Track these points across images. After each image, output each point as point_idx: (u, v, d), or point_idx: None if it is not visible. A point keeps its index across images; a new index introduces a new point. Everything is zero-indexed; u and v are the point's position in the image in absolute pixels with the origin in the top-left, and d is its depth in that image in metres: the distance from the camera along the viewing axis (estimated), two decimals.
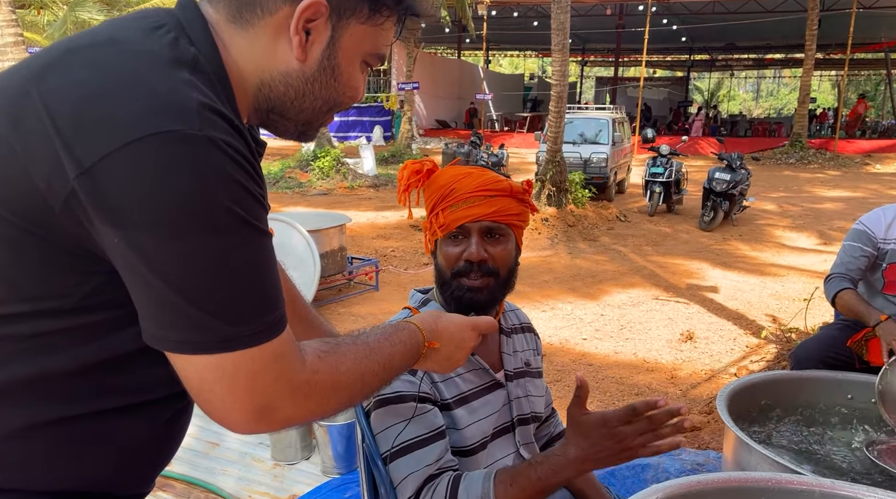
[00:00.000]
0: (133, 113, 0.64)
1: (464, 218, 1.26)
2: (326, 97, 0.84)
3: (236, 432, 0.73)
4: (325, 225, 5.28)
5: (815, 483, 1.53)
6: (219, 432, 3.16)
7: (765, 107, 49.29)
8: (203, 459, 2.93)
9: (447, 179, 1.29)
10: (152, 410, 0.80)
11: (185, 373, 0.70)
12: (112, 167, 0.63)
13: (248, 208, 0.69)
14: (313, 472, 2.84)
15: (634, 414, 1.05)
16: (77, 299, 0.71)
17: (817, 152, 19.12)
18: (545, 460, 1.10)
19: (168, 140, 0.64)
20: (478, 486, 1.11)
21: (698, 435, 3.08)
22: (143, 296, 0.67)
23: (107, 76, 0.67)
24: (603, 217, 9.40)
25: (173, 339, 0.68)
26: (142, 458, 0.83)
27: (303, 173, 12.48)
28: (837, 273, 2.53)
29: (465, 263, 1.27)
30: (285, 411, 0.73)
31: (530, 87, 32.37)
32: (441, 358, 0.99)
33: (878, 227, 2.49)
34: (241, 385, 0.69)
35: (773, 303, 5.77)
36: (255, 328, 0.69)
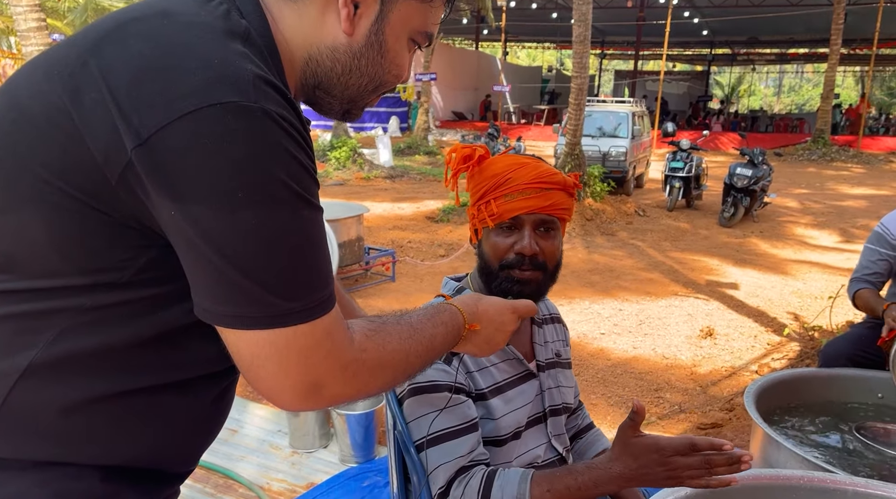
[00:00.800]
0: (189, 84, 0.64)
1: (518, 209, 1.24)
2: (372, 74, 0.83)
3: (284, 408, 0.73)
4: (343, 215, 5.28)
5: (847, 482, 1.50)
6: (238, 418, 3.17)
7: (786, 102, 48.64)
8: (222, 445, 2.95)
9: (502, 168, 1.26)
10: (204, 385, 0.80)
11: (236, 348, 0.69)
12: (169, 138, 0.62)
13: (302, 182, 0.68)
14: (331, 460, 2.85)
15: (693, 450, 1.04)
16: (132, 273, 0.70)
17: (840, 149, 18.84)
18: (587, 470, 1.09)
19: (224, 111, 0.63)
20: (514, 486, 1.10)
21: (720, 431, 3.04)
22: (197, 269, 0.67)
23: (163, 48, 0.66)
24: (621, 212, 9.33)
25: (227, 313, 0.67)
26: (191, 435, 0.83)
27: (319, 163, 12.50)
28: (857, 277, 2.53)
29: (516, 256, 1.25)
30: (333, 388, 0.72)
31: (548, 80, 32.16)
32: (481, 340, 0.98)
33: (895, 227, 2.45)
34: (292, 361, 0.69)
35: (794, 301, 5.69)
36: (308, 304, 0.68)
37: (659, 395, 3.73)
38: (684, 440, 1.04)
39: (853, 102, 24.12)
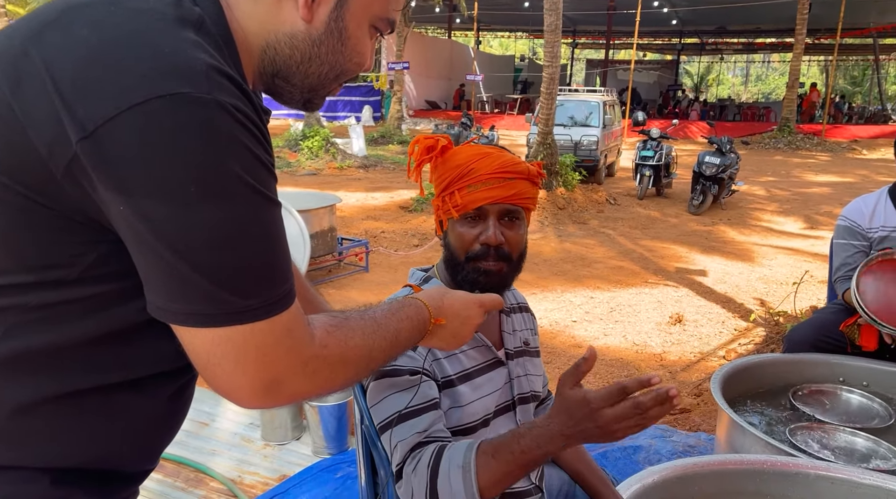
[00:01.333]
0: (138, 74, 0.61)
1: (483, 200, 1.23)
2: (333, 62, 0.81)
3: (243, 406, 0.71)
4: (315, 205, 5.24)
5: (809, 465, 1.54)
6: (209, 412, 3.14)
7: (753, 91, 49.35)
8: (193, 439, 2.91)
9: (465, 159, 1.25)
10: (159, 384, 0.78)
11: (191, 346, 0.67)
12: (116, 131, 0.60)
13: (258, 176, 0.66)
14: (304, 452, 2.83)
15: (623, 394, 0.98)
16: (80, 270, 0.68)
17: (805, 137, 19.21)
18: (528, 431, 1.05)
19: (176, 103, 0.61)
20: (460, 455, 1.09)
21: (689, 417, 3.10)
22: (150, 266, 0.65)
23: (110, 35, 0.63)
24: (592, 200, 9.40)
25: (181, 311, 0.65)
26: (148, 433, 0.81)
27: (291, 153, 12.37)
28: (841, 275, 2.52)
29: (481, 247, 1.25)
30: (293, 385, 0.71)
31: (520, 69, 32.18)
32: (447, 335, 0.97)
33: (861, 218, 2.51)
34: (250, 359, 0.67)
35: (760, 287, 5.81)
36: (266, 300, 0.67)
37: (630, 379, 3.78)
38: (612, 388, 0.99)
39: (805, 92, 24.51)
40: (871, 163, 16.18)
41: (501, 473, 1.05)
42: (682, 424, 3.00)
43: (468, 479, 1.06)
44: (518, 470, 1.06)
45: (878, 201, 2.52)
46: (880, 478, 1.47)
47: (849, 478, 1.48)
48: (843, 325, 2.40)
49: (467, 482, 1.06)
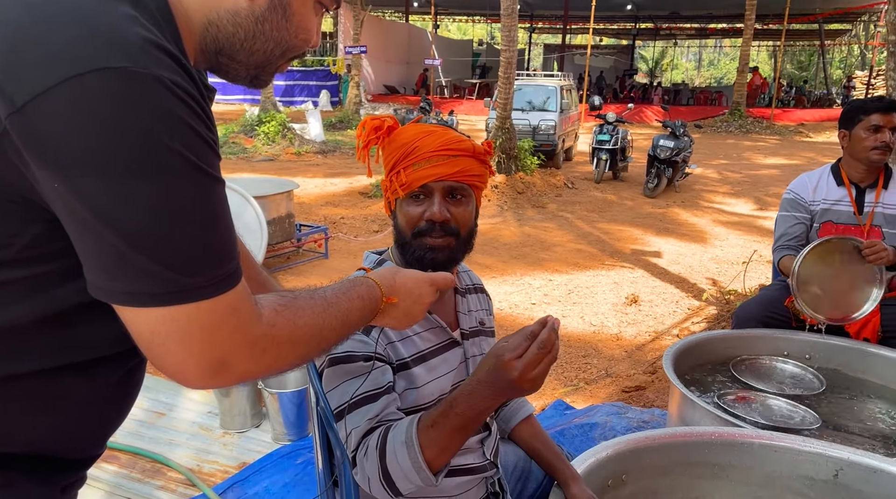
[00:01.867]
0: (71, 48, 0.60)
1: (427, 177, 1.24)
2: (279, 39, 0.80)
3: (191, 387, 0.70)
4: (272, 191, 5.16)
5: (754, 435, 1.61)
6: (166, 401, 3.09)
7: (706, 76, 50.28)
8: (149, 429, 2.87)
9: (409, 137, 1.26)
10: (103, 367, 0.77)
11: (135, 326, 0.66)
12: (48, 106, 0.59)
13: (199, 153, 0.65)
14: (264, 439, 2.82)
15: (530, 339, 1.00)
16: (16, 250, 0.66)
17: (755, 121, 19.72)
18: (460, 396, 1.06)
19: (111, 77, 0.59)
20: (402, 432, 1.10)
21: (643, 394, 3.19)
22: (88, 245, 0.63)
23: (41, 12, 0.62)
24: (551, 184, 9.50)
25: (121, 290, 0.64)
26: (94, 419, 0.80)
27: (247, 139, 12.12)
28: (780, 245, 2.64)
29: (426, 223, 1.26)
30: (241, 365, 0.70)
31: (479, 54, 32.09)
32: (399, 313, 0.97)
33: (805, 191, 2.62)
34: (195, 339, 0.66)
35: (713, 267, 5.97)
36: (209, 279, 0.66)
37: (587, 361, 3.86)
38: (518, 338, 1.01)
39: (767, 76, 25.17)
40: (818, 145, 16.71)
41: (444, 440, 1.07)
42: (637, 401, 3.08)
43: (413, 453, 1.07)
44: (459, 434, 1.08)
45: (821, 177, 2.63)
46: (820, 446, 1.54)
47: (791, 446, 1.55)
48: (787, 300, 2.50)
49: (413, 456, 1.07)
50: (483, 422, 1.12)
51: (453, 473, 1.28)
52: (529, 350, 0.99)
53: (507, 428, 1.52)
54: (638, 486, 1.52)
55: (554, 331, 1.00)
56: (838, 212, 2.55)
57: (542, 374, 1.00)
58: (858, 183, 2.54)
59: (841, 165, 2.59)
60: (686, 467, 1.57)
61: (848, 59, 36.08)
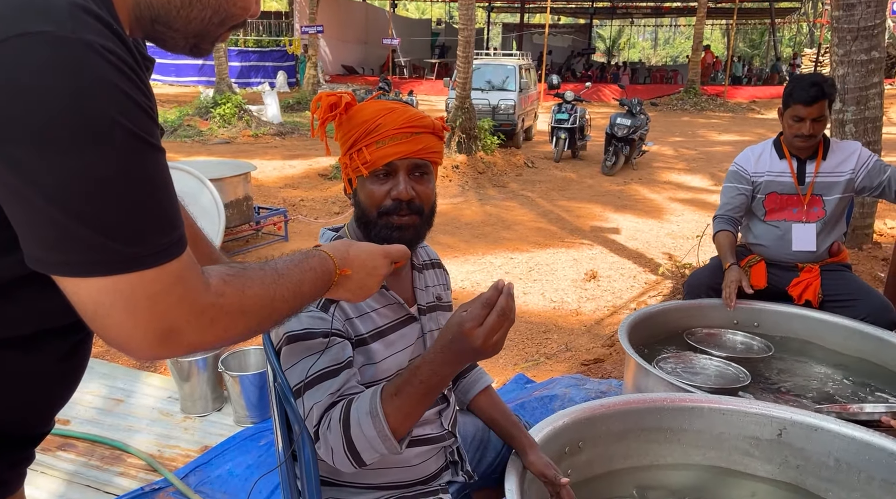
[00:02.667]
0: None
1: (391, 155, 1.23)
2: (216, 7, 0.77)
3: (138, 358, 0.70)
4: (228, 173, 5.07)
5: (703, 399, 1.67)
6: (123, 388, 3.05)
7: (662, 55, 50.91)
8: (107, 416, 2.83)
9: (370, 114, 1.25)
10: (47, 342, 0.75)
11: (77, 297, 0.65)
12: None
13: (136, 120, 0.63)
14: (226, 423, 2.81)
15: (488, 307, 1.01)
16: None
17: (709, 98, 20.10)
18: (423, 363, 1.08)
19: (35, 42, 0.57)
20: (366, 402, 1.11)
21: (601, 366, 3.26)
22: (24, 216, 0.62)
23: None
24: (511, 164, 9.55)
25: (61, 261, 0.63)
26: (39, 394, 0.78)
27: (202, 121, 11.84)
28: (720, 214, 2.75)
29: (393, 202, 1.25)
30: (190, 335, 0.70)
31: (437, 33, 31.88)
32: (353, 286, 0.97)
33: (748, 163, 2.73)
34: (140, 308, 0.65)
35: (669, 242, 6.10)
36: (152, 248, 0.65)
37: (547, 336, 3.93)
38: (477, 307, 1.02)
39: (720, 54, 25.61)
40: (768, 121, 17.12)
41: (408, 407, 1.09)
42: (595, 373, 3.16)
43: (378, 422, 1.09)
44: (422, 401, 1.10)
45: (764, 150, 2.73)
46: (765, 407, 1.61)
47: (738, 408, 1.61)
48: (742, 262, 2.61)
49: (378, 425, 1.09)
50: (445, 387, 1.14)
51: (413, 443, 1.30)
52: (489, 317, 1.01)
53: (465, 399, 1.55)
54: (594, 452, 1.57)
55: (510, 296, 1.02)
56: (781, 183, 2.64)
57: (502, 338, 1.03)
58: (798, 155, 2.63)
59: (782, 139, 2.68)
60: (640, 432, 1.62)
61: (797, 37, 36.91)
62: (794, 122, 2.56)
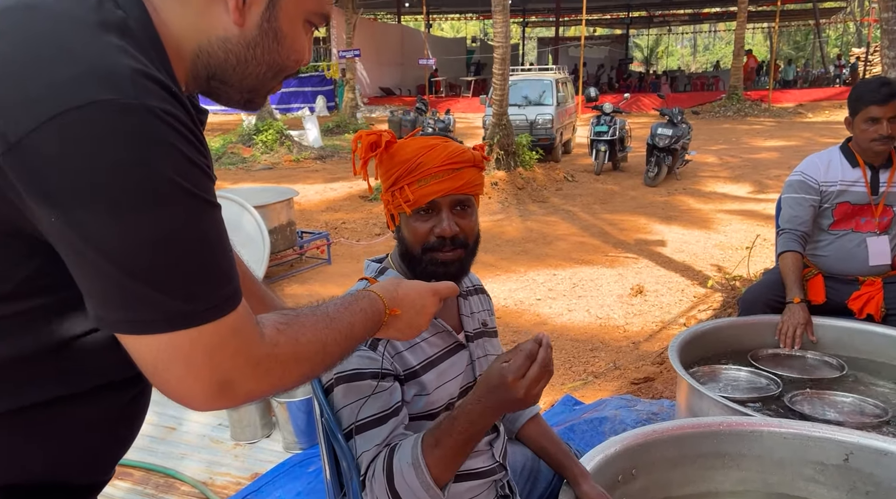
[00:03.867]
0: (61, 83, 0.60)
1: (434, 193, 1.23)
2: (270, 62, 0.79)
3: (198, 409, 0.71)
4: (272, 200, 5.17)
5: (763, 423, 1.60)
6: (175, 415, 3.10)
7: (702, 61, 50.17)
8: (160, 444, 2.88)
9: (411, 153, 1.25)
10: (108, 395, 0.77)
11: (138, 354, 0.67)
12: (41, 142, 0.59)
13: (194, 179, 0.65)
14: (275, 449, 2.82)
15: (531, 359, 1.04)
16: (17, 283, 0.67)
17: (753, 104, 19.65)
18: (461, 413, 1.10)
19: (101, 110, 0.59)
20: (408, 453, 1.12)
21: (652, 385, 3.18)
22: (88, 277, 0.64)
23: (28, 45, 0.62)
24: (551, 178, 9.49)
25: (122, 319, 0.64)
26: (99, 446, 0.80)
27: (245, 148, 12.13)
28: (788, 228, 2.54)
29: (437, 239, 1.25)
30: (246, 385, 0.71)
31: (473, 51, 32.09)
32: (403, 325, 0.98)
33: (816, 173, 2.55)
34: (198, 363, 0.67)
35: (717, 253, 5.95)
36: (209, 304, 0.66)
37: (594, 354, 3.86)
38: (519, 358, 1.04)
39: (763, 58, 25.11)
40: (815, 125, 16.65)
41: (448, 458, 1.11)
42: (646, 393, 3.08)
43: (420, 473, 1.10)
44: (462, 450, 1.11)
45: (832, 158, 2.56)
46: (829, 430, 1.53)
47: (800, 432, 1.54)
48: None
49: (420, 476, 1.10)
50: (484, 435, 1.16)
51: (463, 477, 1.28)
52: (532, 369, 1.04)
53: (513, 428, 1.52)
54: (648, 480, 1.52)
55: (549, 347, 1.07)
56: (855, 193, 2.50)
57: (542, 388, 1.06)
58: (872, 162, 2.51)
59: (851, 146, 2.55)
60: (696, 458, 1.56)
61: (844, 37, 35.89)
62: (868, 126, 2.40)
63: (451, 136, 1.34)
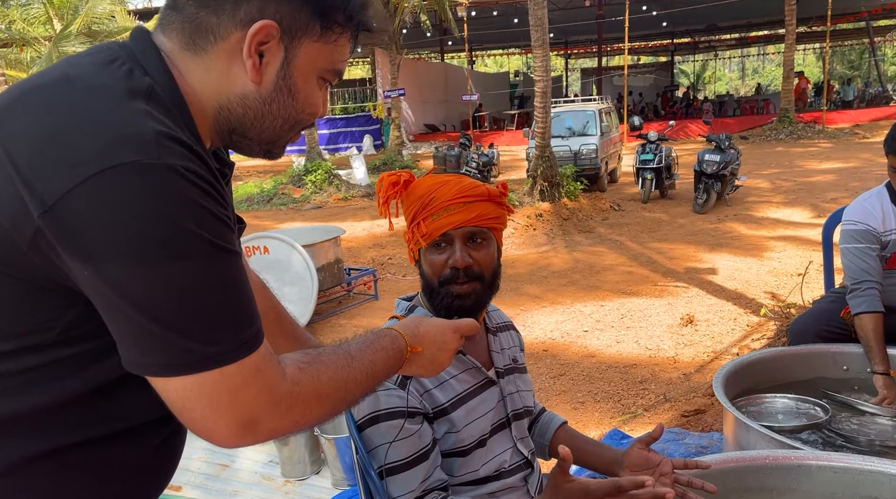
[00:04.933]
0: (90, 148, 0.66)
1: (446, 226, 1.28)
2: (286, 116, 0.85)
3: (223, 446, 0.75)
4: (320, 239, 5.31)
5: (811, 457, 1.55)
6: (228, 453, 3.17)
7: (751, 85, 49.32)
8: (214, 481, 2.95)
9: (425, 189, 1.30)
10: (142, 434, 0.82)
11: (166, 394, 0.71)
12: (73, 203, 0.65)
13: (214, 230, 0.70)
14: (324, 485, 2.86)
15: (618, 491, 1.10)
16: (57, 333, 0.73)
17: (806, 126, 19.14)
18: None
19: (126, 172, 0.66)
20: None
21: (702, 418, 3.09)
22: (118, 324, 0.69)
23: (63, 115, 0.69)
24: (597, 208, 9.42)
25: (152, 363, 0.69)
26: (137, 483, 0.84)
27: (296, 189, 12.50)
28: (862, 282, 2.32)
29: (451, 271, 1.29)
30: (269, 423, 0.74)
31: (516, 85, 32.40)
32: (425, 362, 1.00)
33: (873, 221, 2.38)
34: (223, 402, 0.71)
35: (771, 280, 5.78)
36: (231, 346, 0.71)
37: (644, 387, 3.78)
38: (610, 484, 1.12)
39: (816, 79, 24.50)
40: (874, 146, 16.04)
41: None
42: (696, 425, 3.00)
43: None
44: None
45: (883, 204, 2.40)
46: (882, 464, 1.48)
47: (850, 466, 1.49)
48: (843, 311, 2.41)
49: None
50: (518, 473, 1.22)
51: None
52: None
53: (544, 442, 1.53)
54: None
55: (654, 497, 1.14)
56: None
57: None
58: None
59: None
60: (742, 493, 1.52)
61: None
62: (891, 173, 2.28)
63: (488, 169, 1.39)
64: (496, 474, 1.30)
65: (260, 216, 10.85)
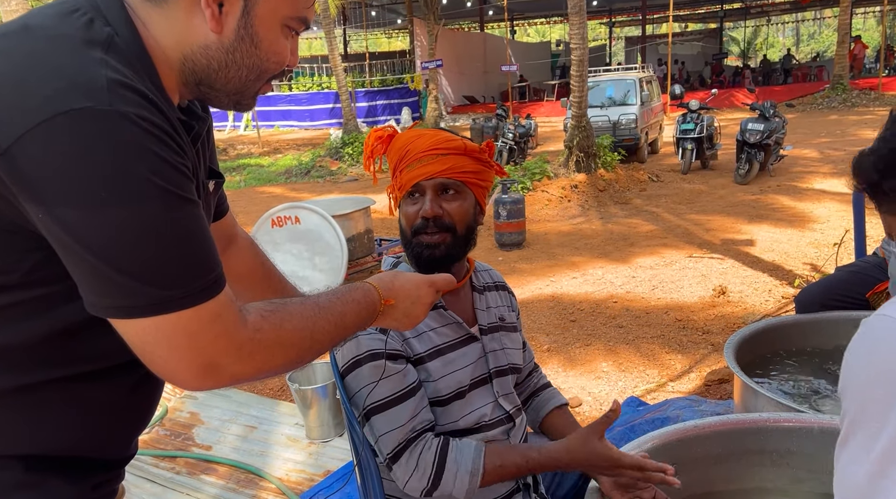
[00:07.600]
0: (43, 94, 0.69)
1: (418, 176, 1.30)
2: (251, 66, 0.86)
3: (187, 388, 0.78)
4: (349, 209, 5.37)
5: (813, 420, 1.54)
6: (257, 415, 3.30)
7: (806, 51, 47.23)
8: (243, 442, 3.07)
9: (403, 142, 1.33)
10: (117, 375, 0.85)
11: (127, 336, 0.74)
12: (27, 147, 0.68)
13: (168, 177, 0.72)
14: (346, 447, 2.94)
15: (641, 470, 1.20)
16: (21, 274, 0.76)
17: (862, 93, 18.31)
18: (539, 455, 1.22)
19: (77, 118, 0.68)
20: (469, 460, 1.19)
21: (724, 386, 3.07)
22: (76, 267, 0.72)
23: (18, 62, 0.71)
24: (634, 179, 9.26)
25: (109, 305, 0.72)
26: (113, 423, 0.89)
27: (333, 161, 12.63)
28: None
29: (421, 220, 1.31)
30: (231, 367, 0.77)
31: (558, 54, 31.78)
32: (399, 315, 1.01)
33: None
34: (182, 345, 0.73)
35: (811, 251, 5.62)
36: (186, 291, 0.73)
37: (671, 356, 3.75)
38: (636, 461, 1.20)
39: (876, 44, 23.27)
40: None
41: (505, 477, 1.25)
42: (715, 393, 2.97)
43: (474, 481, 1.20)
44: (520, 474, 1.26)
45: None
46: None
47: None
48: (870, 292, 2.31)
49: (472, 484, 1.20)
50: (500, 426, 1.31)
51: None
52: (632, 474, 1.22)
53: (537, 418, 1.54)
54: (690, 476, 1.49)
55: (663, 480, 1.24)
56: None
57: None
58: None
59: None
60: (742, 455, 1.52)
61: None
62: None
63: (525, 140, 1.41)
64: (477, 427, 1.33)
65: (298, 188, 11.01)
